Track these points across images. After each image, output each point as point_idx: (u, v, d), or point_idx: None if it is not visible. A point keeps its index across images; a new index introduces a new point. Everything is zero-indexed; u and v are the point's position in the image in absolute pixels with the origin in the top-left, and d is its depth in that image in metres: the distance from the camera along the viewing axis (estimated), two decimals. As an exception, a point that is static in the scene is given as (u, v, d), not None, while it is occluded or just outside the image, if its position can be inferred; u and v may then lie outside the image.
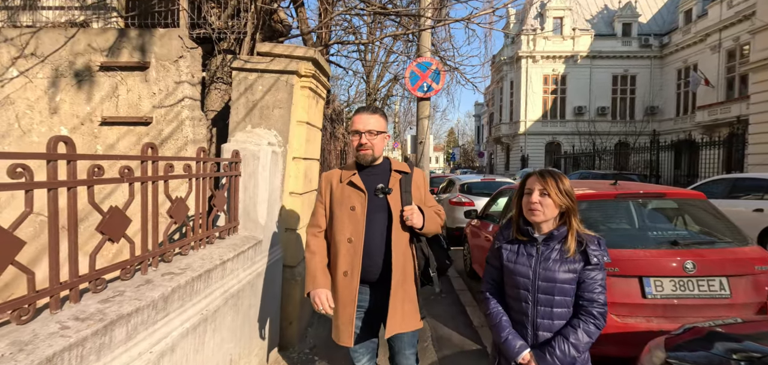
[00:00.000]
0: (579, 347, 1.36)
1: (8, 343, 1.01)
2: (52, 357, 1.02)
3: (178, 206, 1.84)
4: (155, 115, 2.88)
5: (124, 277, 1.51)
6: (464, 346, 3.36)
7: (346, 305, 1.69)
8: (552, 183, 1.40)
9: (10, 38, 2.83)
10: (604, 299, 1.39)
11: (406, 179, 1.79)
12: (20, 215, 1.08)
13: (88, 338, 1.14)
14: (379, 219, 1.73)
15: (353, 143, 1.76)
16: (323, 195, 1.83)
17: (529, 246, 1.46)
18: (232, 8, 3.25)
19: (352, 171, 1.78)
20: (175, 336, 1.52)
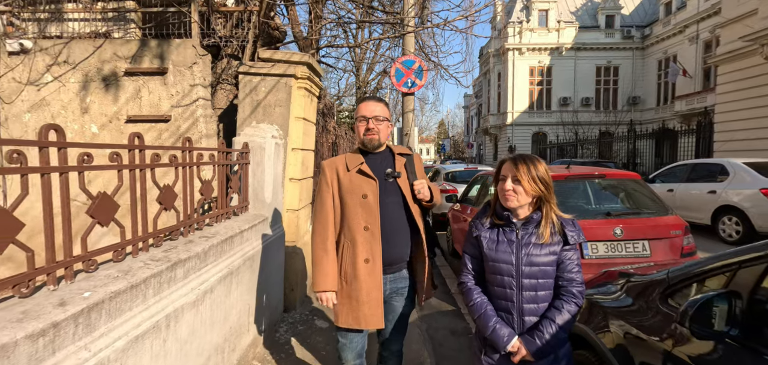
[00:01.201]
0: (565, 327, 1.36)
1: (116, 270, 1.53)
2: (146, 279, 1.54)
3: (207, 186, 2.35)
4: (173, 113, 3.36)
5: (174, 237, 2.03)
6: (441, 308, 3.94)
7: (372, 290, 1.70)
8: (524, 170, 1.38)
9: (45, 48, 3.28)
10: (581, 277, 1.41)
11: (410, 161, 1.86)
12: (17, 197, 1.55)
13: (163, 271, 1.66)
14: (392, 203, 1.76)
15: (360, 129, 1.78)
16: (330, 184, 1.79)
17: (509, 232, 1.43)
18: (236, 19, 3.73)
19: (359, 159, 1.78)
20: (212, 280, 2.05)
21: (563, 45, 29.43)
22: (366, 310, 1.71)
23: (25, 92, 3.28)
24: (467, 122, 50.74)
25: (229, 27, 3.75)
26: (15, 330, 1.04)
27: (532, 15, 29.60)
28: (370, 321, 1.71)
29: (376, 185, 1.74)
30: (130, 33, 3.58)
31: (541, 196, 1.40)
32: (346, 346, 1.82)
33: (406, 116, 6.67)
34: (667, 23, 27.14)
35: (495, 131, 32.27)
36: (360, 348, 1.85)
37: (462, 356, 2.97)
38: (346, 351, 1.82)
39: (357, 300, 1.72)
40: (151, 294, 1.59)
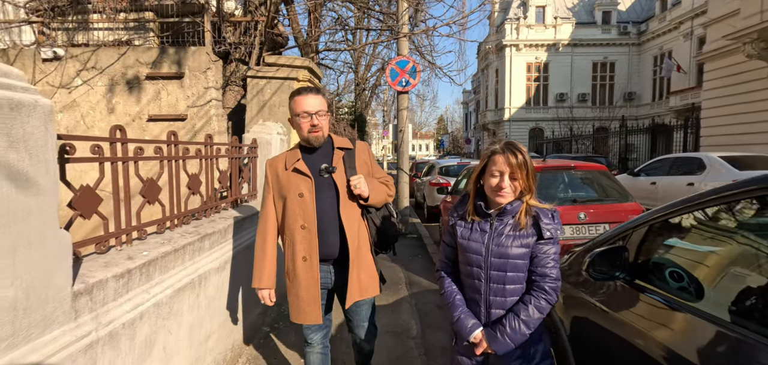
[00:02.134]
0: (529, 323, 1.31)
1: (161, 239, 1.96)
2: (184, 246, 1.97)
3: (224, 176, 2.78)
4: (189, 112, 3.78)
5: (199, 217, 2.46)
6: (430, 287, 4.38)
7: (309, 287, 1.73)
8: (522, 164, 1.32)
9: (75, 55, 3.70)
10: (556, 273, 1.34)
11: (350, 155, 1.81)
12: (97, 179, 1.88)
13: (195, 242, 2.09)
14: (327, 198, 1.74)
15: (303, 126, 1.72)
16: (271, 185, 1.81)
17: (483, 222, 1.40)
18: (243, 27, 4.14)
19: (296, 156, 1.77)
20: (231, 253, 2.48)
21: (560, 41, 29.75)
22: (305, 306, 1.74)
23: (58, 95, 3.70)
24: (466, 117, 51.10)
25: (238, 35, 4.16)
26: (105, 272, 1.47)
27: (529, 11, 29.90)
28: (309, 317, 1.75)
29: (311, 182, 1.72)
30: (149, 41, 4.00)
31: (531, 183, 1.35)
32: (309, 334, 1.89)
33: (400, 114, 7.09)
34: (662, 19, 27.44)
35: (493, 126, 32.64)
36: (324, 331, 1.92)
37: (444, 324, 3.41)
38: (311, 334, 1.89)
39: (297, 296, 1.76)
40: (188, 258, 2.02)
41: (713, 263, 1.41)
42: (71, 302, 1.29)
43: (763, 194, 1.17)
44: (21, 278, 1.10)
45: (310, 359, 1.92)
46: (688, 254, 1.52)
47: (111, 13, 3.84)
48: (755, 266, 1.21)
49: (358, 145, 1.88)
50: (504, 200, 1.35)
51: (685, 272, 1.43)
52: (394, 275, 4.75)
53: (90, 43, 3.88)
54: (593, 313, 1.66)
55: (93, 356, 1.34)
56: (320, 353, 1.93)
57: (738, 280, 1.25)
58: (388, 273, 4.74)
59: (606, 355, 1.57)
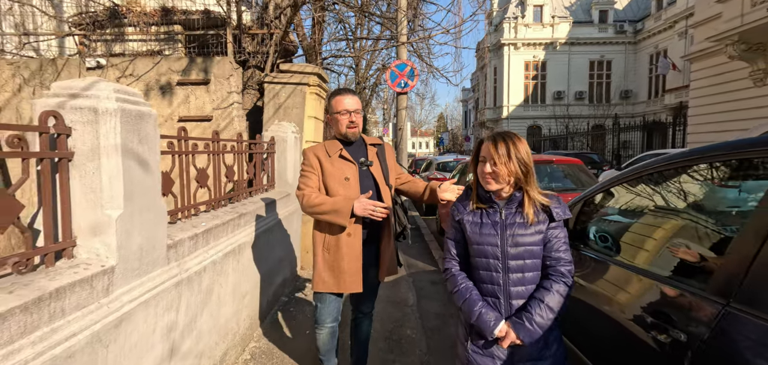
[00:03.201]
0: (554, 308, 1.31)
1: (210, 215, 2.51)
2: (228, 221, 2.52)
3: (250, 168, 3.32)
4: (214, 114, 4.33)
5: (234, 200, 3.01)
6: (425, 269, 4.93)
7: (352, 260, 1.90)
8: (503, 150, 1.33)
9: (115, 64, 4.24)
10: (569, 256, 1.35)
11: (381, 150, 2.07)
12: (170, 168, 2.53)
13: (235, 218, 2.63)
14: (367, 186, 1.94)
15: (342, 122, 1.93)
16: (315, 168, 1.96)
17: (492, 213, 1.38)
18: (260, 38, 4.68)
19: (338, 146, 1.97)
20: (260, 231, 3.03)
21: (557, 40, 30.21)
22: (347, 277, 1.90)
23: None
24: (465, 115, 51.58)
25: (255, 44, 4.70)
26: (182, 234, 2.01)
27: (526, 10, 30.36)
28: (351, 286, 1.91)
29: (356, 168, 1.94)
30: (178, 51, 4.54)
31: (521, 175, 1.34)
32: (323, 310, 2.02)
33: (400, 113, 7.62)
34: (658, 18, 27.87)
35: (491, 124, 33.13)
36: (336, 312, 2.05)
37: (437, 296, 3.96)
38: (323, 315, 2.03)
39: (339, 268, 1.90)
40: (230, 231, 2.57)
41: (628, 227, 1.95)
42: (166, 252, 1.83)
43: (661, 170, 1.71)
44: (144, 231, 1.65)
45: (321, 337, 2.08)
46: (611, 221, 2.05)
47: (144, 26, 4.38)
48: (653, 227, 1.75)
49: (386, 145, 2.15)
50: (490, 187, 1.36)
51: (608, 234, 1.96)
52: (393, 258, 5.31)
53: (126, 53, 4.42)
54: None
55: (179, 291, 1.89)
56: (330, 333, 2.09)
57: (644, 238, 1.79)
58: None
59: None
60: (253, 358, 2.68)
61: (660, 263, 1.50)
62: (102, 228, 1.47)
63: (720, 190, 1.47)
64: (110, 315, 1.44)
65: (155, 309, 1.70)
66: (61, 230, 1.41)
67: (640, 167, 1.82)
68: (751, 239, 1.12)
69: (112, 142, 1.47)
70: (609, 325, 1.57)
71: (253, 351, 2.77)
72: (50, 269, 1.34)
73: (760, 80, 10.28)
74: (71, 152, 1.42)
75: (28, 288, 1.17)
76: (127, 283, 1.57)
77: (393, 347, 2.89)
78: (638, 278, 1.51)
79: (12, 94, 4.19)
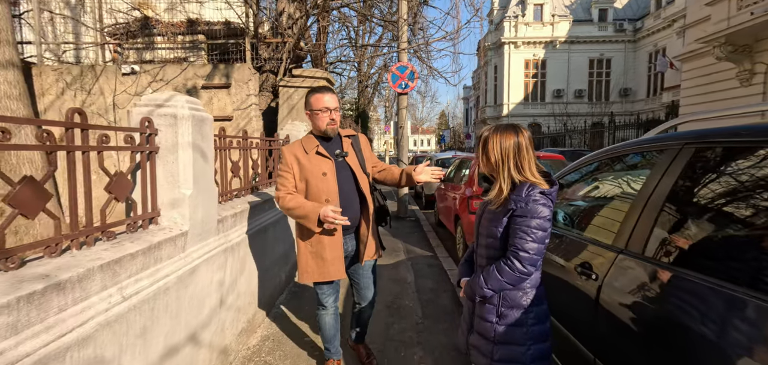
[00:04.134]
0: (487, 280, 1.46)
1: (242, 200, 3.04)
2: (255, 205, 3.05)
3: (271, 161, 3.85)
4: (235, 115, 4.86)
5: (239, 195, 3.54)
6: (423, 254, 5.46)
7: (334, 248, 2.04)
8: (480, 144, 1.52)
9: (147, 70, 4.77)
10: (522, 244, 1.40)
11: (356, 141, 2.17)
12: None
13: (238, 214, 3.15)
14: (345, 177, 2.07)
15: (322, 119, 2.03)
16: (291, 166, 2.05)
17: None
18: (274, 46, 5.21)
19: (315, 143, 2.07)
20: (267, 223, 3.56)
21: (557, 38, 30.56)
22: (330, 266, 2.04)
23: (133, 101, 4.78)
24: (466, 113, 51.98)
25: (269, 51, 5.23)
26: (226, 213, 2.55)
27: (527, 9, 30.72)
28: (335, 274, 2.05)
29: (332, 163, 2.04)
30: (201, 58, 5.07)
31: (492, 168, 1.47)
32: (325, 294, 2.20)
33: (400, 112, 8.14)
34: (657, 17, 28.17)
35: (492, 122, 33.56)
36: (336, 294, 2.25)
37: (432, 275, 4.49)
38: (326, 298, 2.21)
39: (322, 258, 2.03)
40: (257, 213, 3.11)
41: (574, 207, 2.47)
42: (216, 224, 2.37)
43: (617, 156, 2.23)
44: (204, 207, 2.18)
45: (325, 320, 2.26)
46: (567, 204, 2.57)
47: (172, 36, 4.91)
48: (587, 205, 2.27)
49: (361, 136, 2.28)
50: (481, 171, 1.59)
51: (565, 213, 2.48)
52: (395, 246, 5.84)
53: (155, 60, 4.96)
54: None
55: (225, 256, 2.43)
56: (333, 314, 2.26)
57: (581, 214, 2.31)
58: (391, 245, 5.82)
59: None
60: (276, 320, 3.22)
61: (590, 230, 2.03)
62: (178, 203, 2.00)
63: (625, 175, 2.00)
64: (186, 266, 1.97)
65: (211, 266, 2.24)
66: (151, 203, 1.94)
67: (579, 162, 2.36)
68: (635, 212, 1.65)
69: (186, 139, 2.00)
70: (560, 281, 2.09)
71: (275, 315, 3.31)
72: (146, 230, 1.87)
73: (747, 80, 10.73)
74: (158, 147, 1.96)
75: (140, 241, 1.71)
76: (195, 244, 2.10)
77: (393, 313, 3.43)
78: (578, 242, 2.04)
79: (55, 97, 4.72)
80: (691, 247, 1.41)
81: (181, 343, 1.90)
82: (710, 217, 1.41)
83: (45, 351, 1.14)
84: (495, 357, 1.49)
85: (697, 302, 1.24)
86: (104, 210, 1.64)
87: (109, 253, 1.50)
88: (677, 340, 1.27)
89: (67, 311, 1.26)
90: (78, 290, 1.30)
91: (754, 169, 1.32)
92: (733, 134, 1.41)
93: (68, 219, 1.44)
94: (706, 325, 1.18)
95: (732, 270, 1.19)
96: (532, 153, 1.48)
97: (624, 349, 1.52)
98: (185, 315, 1.95)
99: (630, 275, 1.56)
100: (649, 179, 1.67)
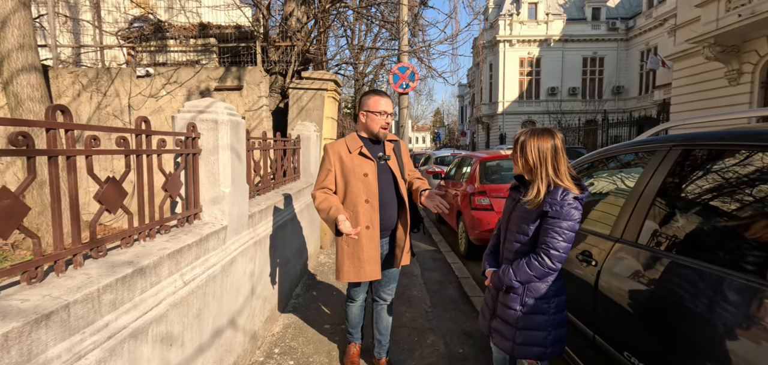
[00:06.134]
0: (517, 274, 1.57)
1: (263, 197, 3.24)
2: (275, 203, 3.25)
3: (285, 160, 4.05)
4: (247, 115, 5.04)
5: (261, 193, 3.74)
6: (427, 249, 5.70)
7: (371, 251, 2.06)
8: (517, 146, 1.59)
9: (161, 72, 4.94)
10: (554, 243, 1.50)
11: (397, 146, 2.23)
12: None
13: (263, 210, 3.36)
14: (385, 180, 2.09)
15: (377, 121, 2.07)
16: (333, 164, 2.08)
17: (515, 193, 1.71)
18: (283, 49, 5.39)
19: (359, 143, 2.09)
20: (287, 219, 3.76)
21: (551, 37, 30.92)
22: (367, 267, 2.06)
23: (148, 103, 4.94)
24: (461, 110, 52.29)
25: (278, 54, 5.42)
26: (255, 209, 2.75)
27: (521, 8, 31.03)
28: (370, 275, 2.07)
29: (374, 165, 2.06)
30: (213, 61, 5.24)
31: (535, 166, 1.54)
32: (357, 290, 2.34)
33: (401, 112, 8.35)
34: (649, 16, 28.61)
35: (487, 119, 33.89)
36: (364, 290, 2.39)
37: (437, 268, 4.73)
38: (357, 294, 2.36)
39: (359, 259, 2.05)
40: (278, 210, 3.31)
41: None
42: (247, 219, 2.57)
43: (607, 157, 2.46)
44: (239, 203, 2.38)
45: (353, 310, 2.42)
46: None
47: (184, 39, 5.07)
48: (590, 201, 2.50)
49: (401, 143, 2.34)
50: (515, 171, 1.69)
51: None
52: (398, 241, 6.08)
53: (168, 63, 5.12)
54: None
55: (255, 248, 2.63)
56: (360, 305, 2.42)
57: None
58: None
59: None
60: (295, 310, 3.43)
61: (589, 222, 2.27)
62: (219, 200, 2.20)
63: (621, 172, 2.24)
64: (226, 257, 2.18)
65: (245, 257, 2.45)
66: (195, 201, 2.14)
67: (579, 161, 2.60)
68: (629, 205, 1.89)
69: (225, 142, 2.21)
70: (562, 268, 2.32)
71: (293, 305, 3.52)
72: (192, 225, 2.07)
73: (735, 80, 11.08)
74: (200, 149, 2.16)
75: (192, 234, 1.91)
76: (232, 238, 2.31)
77: (404, 303, 3.65)
78: (579, 233, 2.27)
79: (72, 98, 4.87)
80: (678, 235, 1.64)
81: (223, 326, 2.11)
82: (695, 209, 1.64)
83: (135, 325, 1.35)
84: (517, 340, 1.64)
85: (686, 283, 1.47)
86: (162, 206, 1.84)
87: (171, 244, 1.70)
88: (668, 317, 1.50)
89: (147, 292, 1.47)
90: (153, 275, 1.51)
91: (732, 168, 1.55)
92: (715, 138, 1.64)
93: (137, 214, 1.64)
94: (695, 302, 1.40)
95: (717, 254, 1.42)
96: (565, 155, 1.59)
97: (620, 326, 1.76)
98: (226, 302, 2.15)
99: (625, 261, 1.79)
100: (642, 176, 1.91)
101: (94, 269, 1.31)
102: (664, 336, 1.51)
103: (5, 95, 3.92)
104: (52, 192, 1.22)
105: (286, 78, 5.43)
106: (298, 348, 2.79)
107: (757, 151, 1.44)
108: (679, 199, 1.73)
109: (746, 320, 1.22)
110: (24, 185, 1.12)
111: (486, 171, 5.48)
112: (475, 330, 3.11)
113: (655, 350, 1.54)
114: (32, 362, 0.97)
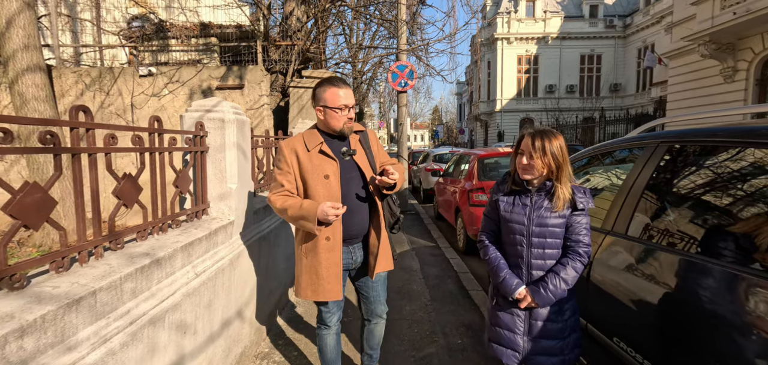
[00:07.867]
0: (568, 281, 1.53)
1: (264, 206, 3.33)
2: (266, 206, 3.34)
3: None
4: (248, 114, 5.11)
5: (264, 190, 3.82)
6: (426, 245, 5.79)
7: (331, 266, 1.73)
8: (538, 147, 1.50)
9: (164, 72, 5.00)
10: (588, 240, 1.55)
11: (364, 137, 1.87)
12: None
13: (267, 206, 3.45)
14: (353, 179, 1.77)
15: (338, 118, 1.72)
16: (290, 164, 1.75)
17: (524, 197, 1.60)
18: (284, 48, 5.47)
19: (318, 139, 1.75)
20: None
21: (549, 34, 31.01)
22: (325, 284, 1.73)
23: (150, 102, 5.01)
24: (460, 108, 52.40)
25: (279, 53, 5.49)
26: (258, 205, 2.83)
27: (519, 6, 31.10)
28: (329, 294, 1.74)
29: (336, 165, 1.72)
30: (214, 60, 5.31)
31: (552, 170, 1.52)
32: (327, 311, 1.91)
33: (400, 110, 8.43)
34: (646, 13, 28.71)
35: (485, 117, 33.98)
36: (339, 312, 1.96)
37: (436, 263, 4.82)
38: (328, 317, 1.92)
39: (317, 274, 1.73)
40: (282, 206, 3.39)
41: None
42: (253, 215, 2.66)
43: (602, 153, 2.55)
44: (244, 200, 2.47)
45: (326, 340, 1.96)
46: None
47: (186, 39, 5.13)
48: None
49: (369, 131, 1.96)
50: (525, 176, 1.56)
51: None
52: (399, 237, 6.16)
53: (170, 62, 5.18)
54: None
55: (260, 244, 2.72)
56: (336, 334, 1.98)
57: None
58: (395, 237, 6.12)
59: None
60: (298, 304, 3.52)
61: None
62: (226, 196, 2.29)
63: (612, 168, 2.34)
64: (234, 250, 2.26)
65: (251, 252, 2.53)
66: (202, 197, 2.22)
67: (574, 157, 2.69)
68: (619, 199, 1.98)
69: (232, 140, 2.29)
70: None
71: (296, 300, 3.61)
72: (200, 220, 2.16)
73: (730, 77, 11.20)
74: (208, 147, 2.24)
75: (202, 228, 2.00)
76: (238, 232, 2.39)
77: (404, 296, 3.75)
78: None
79: (75, 97, 4.93)
80: (665, 228, 1.73)
81: (232, 317, 2.19)
82: (680, 203, 1.74)
83: (153, 312, 1.43)
84: (566, 351, 1.60)
85: (671, 272, 1.56)
86: (173, 202, 1.92)
87: (183, 238, 1.78)
88: (653, 304, 1.60)
89: (163, 282, 1.55)
90: (168, 266, 1.59)
91: (715, 164, 1.64)
92: (699, 135, 1.74)
93: (151, 210, 1.72)
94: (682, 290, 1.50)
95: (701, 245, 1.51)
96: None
97: (610, 314, 1.86)
98: (234, 293, 2.24)
99: (615, 253, 1.89)
100: (632, 171, 2.00)
101: (114, 259, 1.40)
102: (650, 323, 1.60)
103: (11, 95, 3.98)
104: (76, 188, 1.30)
105: (286, 77, 5.51)
106: (302, 339, 2.88)
107: (736, 147, 1.53)
108: (666, 193, 1.82)
109: (723, 305, 1.32)
110: (52, 180, 1.20)
111: (484, 168, 5.57)
112: (474, 322, 3.20)
113: (641, 335, 1.63)
114: (65, 343, 1.06)
